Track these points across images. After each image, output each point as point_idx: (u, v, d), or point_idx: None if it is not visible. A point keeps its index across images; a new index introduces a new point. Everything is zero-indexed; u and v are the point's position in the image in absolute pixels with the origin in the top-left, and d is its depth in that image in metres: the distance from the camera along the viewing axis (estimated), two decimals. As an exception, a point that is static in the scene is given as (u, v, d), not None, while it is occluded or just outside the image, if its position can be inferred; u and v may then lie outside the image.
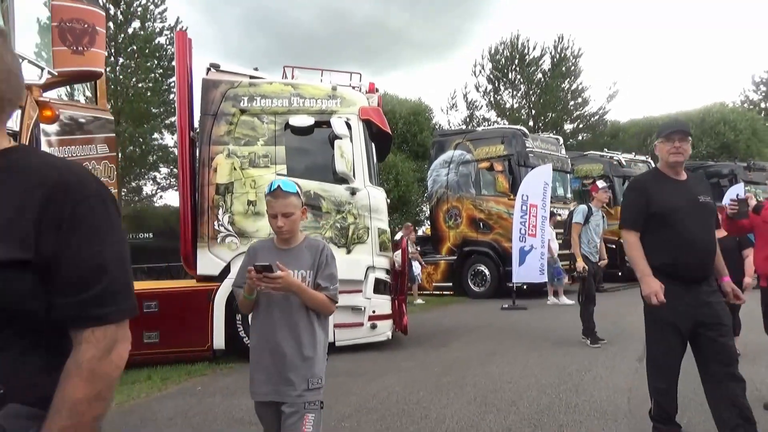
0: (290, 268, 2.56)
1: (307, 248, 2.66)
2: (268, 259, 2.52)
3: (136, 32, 20.02)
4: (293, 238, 2.66)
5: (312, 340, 2.60)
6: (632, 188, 3.80)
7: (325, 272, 2.61)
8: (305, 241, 2.69)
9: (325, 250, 2.65)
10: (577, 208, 7.58)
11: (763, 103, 37.09)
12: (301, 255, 2.63)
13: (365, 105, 7.42)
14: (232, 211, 7.00)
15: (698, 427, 4.09)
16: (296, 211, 2.59)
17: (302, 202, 2.65)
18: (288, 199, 2.57)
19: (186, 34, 7.64)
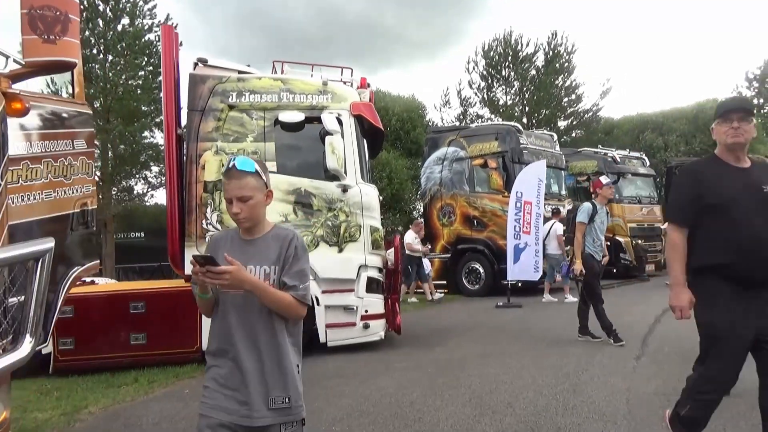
0: (252, 262, 2.19)
1: (273, 239, 2.25)
2: (230, 251, 2.16)
3: (125, 29, 19.76)
4: (257, 227, 2.26)
5: (275, 350, 2.18)
6: (684, 176, 3.25)
7: (293, 268, 2.20)
8: (273, 231, 2.28)
9: (293, 240, 2.23)
10: (581, 206, 7.31)
11: (756, 100, 37.22)
12: (265, 247, 2.23)
13: (357, 100, 7.27)
14: (221, 209, 6.84)
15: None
16: (256, 195, 2.18)
17: (266, 184, 2.22)
18: (243, 180, 2.16)
19: (172, 28, 7.48)
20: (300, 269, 2.21)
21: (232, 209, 2.17)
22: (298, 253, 2.22)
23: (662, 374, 5.41)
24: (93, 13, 19.06)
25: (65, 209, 3.69)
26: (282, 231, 2.28)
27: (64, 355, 6.45)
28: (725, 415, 4.14)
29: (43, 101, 3.56)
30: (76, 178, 3.76)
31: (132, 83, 19.79)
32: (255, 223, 2.23)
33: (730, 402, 4.42)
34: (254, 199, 2.17)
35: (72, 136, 3.71)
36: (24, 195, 3.29)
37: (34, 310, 3.06)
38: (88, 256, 4.07)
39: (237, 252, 2.17)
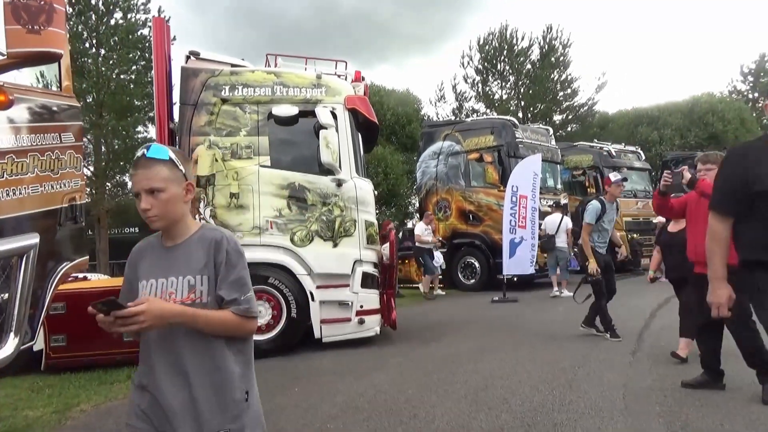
0: (173, 273, 1.82)
1: (198, 243, 1.86)
2: (150, 263, 1.85)
3: (118, 23, 19.59)
4: (177, 229, 1.88)
5: (211, 377, 1.79)
6: (729, 160, 2.92)
7: (229, 277, 1.82)
8: (198, 233, 1.89)
9: (224, 243, 1.84)
10: (589, 205, 7.12)
11: (750, 94, 37.29)
12: (189, 253, 1.85)
13: (351, 94, 7.20)
14: (214, 204, 6.77)
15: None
16: (169, 187, 1.80)
17: (185, 176, 1.85)
18: (152, 169, 1.79)
19: (163, 20, 7.41)
20: (237, 277, 1.84)
21: (140, 205, 1.80)
22: (231, 259, 1.84)
23: (658, 369, 5.39)
24: (85, 6, 18.88)
25: (53, 204, 3.61)
26: (209, 232, 1.90)
27: (56, 352, 6.37)
28: (722, 410, 4.12)
29: (29, 93, 3.48)
30: (64, 172, 3.68)
31: (125, 78, 19.65)
32: (170, 223, 1.86)
33: (727, 397, 4.42)
34: (167, 192, 1.80)
35: (60, 130, 3.62)
36: (10, 189, 3.22)
37: (18, 307, 3.00)
38: (77, 252, 4.00)
39: (157, 262, 1.87)
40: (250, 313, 1.85)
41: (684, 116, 27.69)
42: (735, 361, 5.19)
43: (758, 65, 36.88)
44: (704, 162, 4.67)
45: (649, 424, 3.94)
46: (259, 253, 6.75)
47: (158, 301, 1.75)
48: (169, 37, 7.13)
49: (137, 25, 19.83)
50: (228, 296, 1.82)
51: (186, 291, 1.82)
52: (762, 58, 36.73)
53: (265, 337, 6.69)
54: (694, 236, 4.68)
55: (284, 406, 4.74)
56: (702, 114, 27.37)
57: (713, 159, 4.67)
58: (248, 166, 6.82)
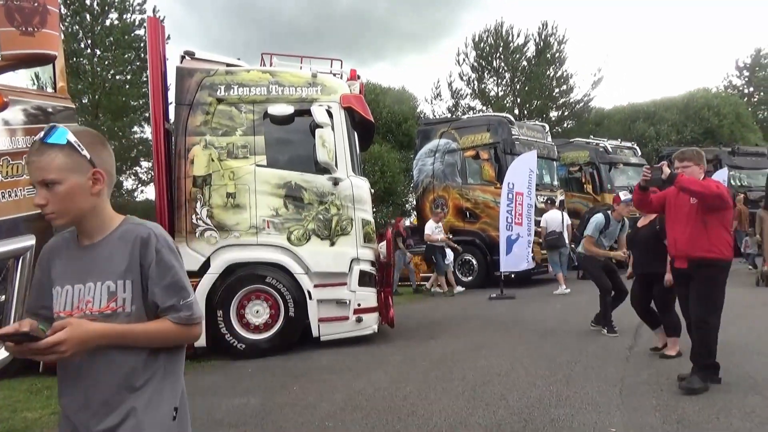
0: (91, 278, 1.58)
1: (120, 241, 1.59)
2: (64, 264, 1.61)
3: (113, 24, 19.54)
4: (90, 224, 1.60)
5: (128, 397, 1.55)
6: None
7: (162, 280, 1.57)
8: (120, 229, 1.62)
9: (152, 241, 1.58)
10: (594, 217, 7.19)
11: (746, 88, 37.40)
12: (109, 254, 1.58)
13: (347, 92, 7.20)
14: (211, 204, 6.77)
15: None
16: (67, 178, 1.52)
17: (90, 161, 1.56)
18: (45, 156, 1.51)
19: (158, 20, 7.38)
20: (172, 280, 1.58)
21: (36, 200, 1.54)
22: (163, 258, 1.58)
23: (655, 364, 5.42)
24: (80, 6, 18.83)
25: (49, 206, 3.62)
26: (134, 228, 1.61)
27: (53, 354, 6.37)
28: (719, 403, 4.15)
29: (24, 95, 3.50)
30: (59, 173, 3.69)
31: (120, 78, 19.60)
32: (73, 220, 1.58)
33: (723, 390, 4.44)
34: (64, 184, 1.52)
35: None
36: (5, 192, 3.23)
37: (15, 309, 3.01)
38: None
39: (71, 264, 1.60)
40: (193, 320, 1.61)
41: (680, 111, 27.73)
42: (731, 355, 5.24)
43: (753, 60, 37.00)
44: (681, 159, 4.74)
45: (646, 418, 3.97)
46: (257, 253, 6.76)
47: (80, 325, 1.47)
48: (164, 37, 7.12)
49: (132, 26, 19.78)
50: (163, 303, 1.57)
51: (105, 299, 1.56)
52: (757, 53, 36.87)
53: (263, 337, 6.70)
54: (673, 231, 4.72)
55: (283, 405, 4.76)
56: (698, 109, 27.42)
57: (689, 156, 4.74)
58: (244, 166, 6.82)
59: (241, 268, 6.74)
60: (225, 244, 6.74)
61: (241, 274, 6.71)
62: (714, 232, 4.46)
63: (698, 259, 4.50)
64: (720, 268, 4.53)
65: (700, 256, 4.49)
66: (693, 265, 4.54)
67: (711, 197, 4.39)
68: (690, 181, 4.44)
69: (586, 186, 16.12)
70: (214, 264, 6.70)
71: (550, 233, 11.66)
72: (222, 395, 5.19)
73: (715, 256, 4.47)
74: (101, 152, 1.62)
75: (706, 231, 4.45)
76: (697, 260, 4.51)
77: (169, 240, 1.64)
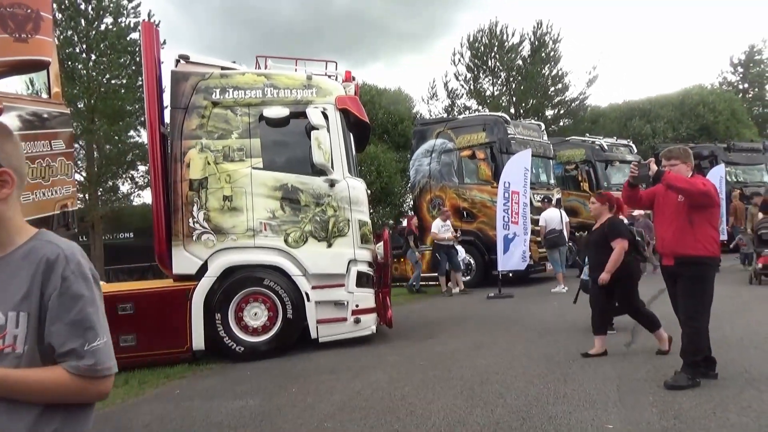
0: None
1: (24, 260, 1.28)
2: None
3: (108, 28, 19.49)
4: None
5: None
6: None
7: (66, 316, 1.24)
8: (26, 246, 1.30)
9: (59, 264, 1.26)
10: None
11: (741, 84, 37.51)
12: (7, 276, 1.27)
13: (342, 94, 7.21)
14: (207, 207, 6.78)
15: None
16: None
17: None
18: None
19: (152, 24, 7.40)
20: (77, 317, 1.24)
21: None
22: (70, 287, 1.25)
23: (652, 361, 5.43)
24: (75, 11, 18.78)
25: (45, 211, 3.65)
26: (42, 245, 1.29)
27: (52, 359, 6.38)
28: (715, 398, 4.17)
29: (19, 102, 3.51)
30: (55, 179, 3.71)
31: (116, 83, 19.54)
32: None
33: (720, 385, 4.47)
34: None
35: (50, 137, 3.65)
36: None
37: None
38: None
39: None
40: (97, 371, 1.25)
41: (675, 108, 27.80)
42: (727, 350, 5.26)
43: (747, 56, 37.11)
44: (668, 158, 4.79)
45: (643, 414, 3.99)
46: (254, 255, 6.78)
47: None
48: (159, 41, 7.12)
49: (127, 30, 19.74)
50: (61, 346, 1.22)
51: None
52: (751, 49, 36.98)
53: (261, 339, 6.71)
54: (661, 228, 4.76)
55: (282, 406, 4.77)
56: (693, 106, 27.49)
57: (676, 154, 4.79)
58: (241, 169, 6.83)
59: (239, 270, 6.75)
60: (222, 247, 6.75)
61: (238, 277, 6.72)
62: (701, 230, 4.49)
63: (684, 256, 4.53)
64: (706, 266, 4.56)
65: (685, 254, 4.52)
66: (679, 262, 4.56)
67: (697, 194, 4.41)
68: (676, 179, 4.48)
69: (583, 184, 16.16)
70: (211, 267, 6.71)
71: (550, 231, 11.68)
72: (221, 398, 5.20)
73: (700, 254, 4.50)
74: (4, 145, 1.29)
75: (693, 229, 4.48)
76: (682, 258, 4.54)
77: (83, 264, 1.30)
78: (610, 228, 5.69)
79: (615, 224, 5.77)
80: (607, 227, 5.73)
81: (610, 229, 5.68)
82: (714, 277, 4.60)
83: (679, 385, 4.44)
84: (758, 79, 37.04)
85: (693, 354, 4.54)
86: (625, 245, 5.58)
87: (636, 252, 5.84)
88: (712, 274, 4.58)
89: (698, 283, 4.54)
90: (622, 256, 5.55)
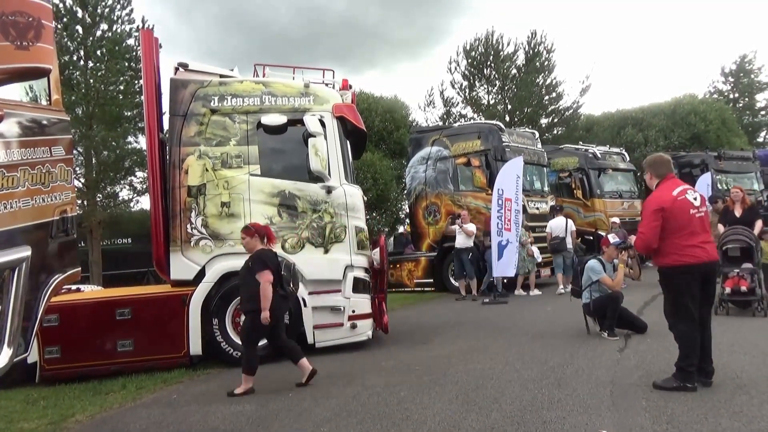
0: None
1: None
2: None
3: (104, 35, 19.55)
4: None
5: None
6: None
7: None
8: None
9: None
10: (589, 264, 7.27)
11: (731, 94, 37.86)
12: None
13: (339, 102, 7.30)
14: (205, 213, 6.83)
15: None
16: None
17: None
18: None
19: (152, 32, 7.48)
20: None
21: None
22: None
23: (645, 365, 5.50)
24: (71, 19, 18.84)
25: (44, 217, 3.66)
26: None
27: (50, 364, 6.39)
28: (708, 404, 4.23)
29: (19, 108, 3.54)
30: (54, 185, 3.73)
31: (113, 89, 19.58)
32: None
33: (712, 390, 4.53)
34: None
35: (50, 144, 3.68)
36: (1, 203, 3.27)
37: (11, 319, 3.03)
38: (68, 264, 4.04)
39: None
40: None
41: (667, 117, 27.99)
42: (718, 356, 5.32)
43: (738, 66, 37.49)
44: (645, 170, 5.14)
45: (636, 419, 4.04)
46: (251, 261, 6.82)
47: None
48: (158, 49, 7.20)
49: (124, 36, 19.80)
50: None
51: None
52: (742, 59, 37.36)
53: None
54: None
55: (278, 411, 4.80)
56: (684, 115, 27.69)
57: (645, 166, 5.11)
58: (238, 175, 6.89)
59: (236, 276, 6.77)
60: (220, 253, 6.79)
61: (236, 283, 6.74)
62: (666, 241, 4.69)
63: (658, 267, 4.86)
64: (668, 275, 4.74)
65: (658, 264, 4.87)
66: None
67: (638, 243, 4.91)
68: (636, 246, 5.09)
69: (576, 191, 16.28)
70: (209, 273, 6.75)
71: (554, 238, 12.05)
72: (218, 402, 5.22)
73: (663, 263, 4.76)
74: None
75: (662, 240, 4.70)
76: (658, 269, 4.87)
77: None
78: (254, 260, 5.48)
79: (259, 257, 5.49)
80: (252, 260, 5.51)
81: (254, 262, 5.47)
82: (682, 284, 4.65)
83: (664, 386, 4.59)
84: (748, 89, 37.40)
85: (682, 359, 4.64)
86: (270, 278, 5.36)
87: (279, 285, 5.54)
88: (678, 282, 4.67)
89: (667, 291, 4.84)
90: (270, 289, 5.35)
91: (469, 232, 12.03)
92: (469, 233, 12.04)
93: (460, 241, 12.16)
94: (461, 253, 12.21)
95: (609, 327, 6.91)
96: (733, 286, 7.88)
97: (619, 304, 6.95)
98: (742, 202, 8.77)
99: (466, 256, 12.16)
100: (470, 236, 12.08)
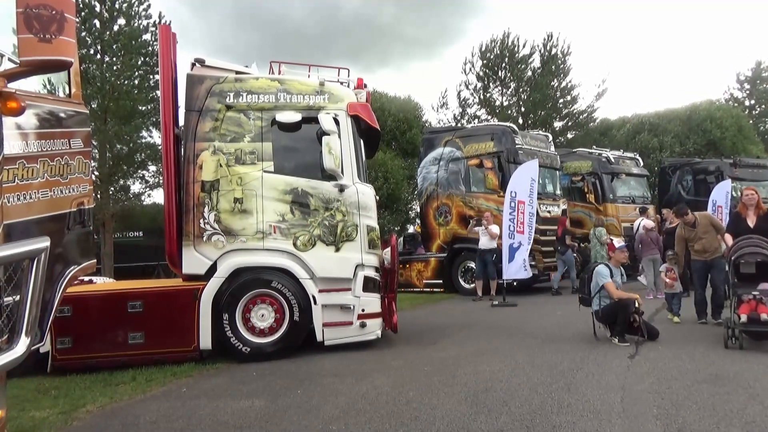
0: None
1: None
2: None
3: (121, 29, 19.72)
4: None
5: None
6: None
7: None
8: None
9: None
10: (596, 270, 7.21)
11: (747, 101, 37.41)
12: None
13: (353, 101, 7.30)
14: (218, 208, 6.86)
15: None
16: None
17: None
18: None
19: (170, 28, 7.50)
20: None
21: None
22: None
23: (656, 372, 5.46)
24: (90, 13, 19.03)
25: (62, 208, 3.69)
26: None
27: (62, 354, 6.45)
28: (719, 413, 4.19)
29: (40, 100, 3.57)
30: (72, 177, 3.76)
31: (128, 83, 19.75)
32: None
33: (723, 399, 4.48)
34: None
35: (69, 136, 3.71)
36: (20, 194, 3.30)
37: (29, 309, 3.06)
38: (84, 255, 4.07)
39: None
40: None
41: (682, 123, 27.74)
42: (731, 364, 5.28)
43: (754, 72, 37.02)
44: None
45: (646, 426, 4.01)
46: (263, 258, 6.85)
47: None
48: (175, 44, 7.23)
49: (140, 30, 19.96)
50: None
51: None
52: (758, 66, 36.89)
53: (268, 340, 6.77)
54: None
55: (287, 408, 4.82)
56: (700, 121, 27.42)
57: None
58: (252, 172, 6.91)
59: (247, 272, 6.81)
60: (232, 249, 6.82)
61: (247, 279, 6.78)
62: None
63: None
64: None
65: None
66: None
67: None
68: None
69: (589, 195, 16.19)
70: (220, 268, 6.78)
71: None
72: (227, 397, 5.25)
73: None
74: None
75: None
76: None
77: None
78: None
79: None
80: None
81: None
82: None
83: None
84: (765, 96, 36.92)
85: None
86: None
87: None
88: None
89: None
90: None
91: (493, 233, 11.93)
92: (493, 234, 11.94)
93: (484, 243, 12.07)
94: (485, 254, 12.11)
95: (620, 333, 6.87)
96: (749, 313, 6.26)
97: (630, 310, 6.88)
98: (757, 207, 7.21)
99: (490, 257, 12.05)
100: (494, 238, 11.96)
